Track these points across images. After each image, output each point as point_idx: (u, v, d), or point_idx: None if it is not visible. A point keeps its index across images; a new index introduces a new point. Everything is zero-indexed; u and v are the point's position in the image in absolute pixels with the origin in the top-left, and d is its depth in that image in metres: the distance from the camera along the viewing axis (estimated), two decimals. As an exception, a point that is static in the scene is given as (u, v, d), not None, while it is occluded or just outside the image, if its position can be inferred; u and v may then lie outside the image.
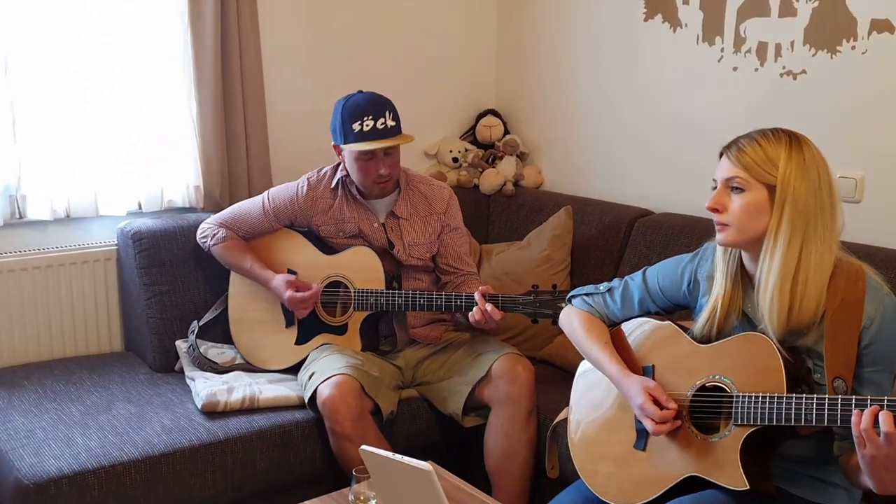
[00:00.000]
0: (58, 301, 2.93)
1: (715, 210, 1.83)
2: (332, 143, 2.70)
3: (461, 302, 2.57)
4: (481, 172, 3.64)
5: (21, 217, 2.85)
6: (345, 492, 2.04)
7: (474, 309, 2.51)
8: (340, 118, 2.63)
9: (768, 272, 1.78)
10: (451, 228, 2.81)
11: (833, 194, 1.80)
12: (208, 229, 2.79)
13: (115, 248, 2.99)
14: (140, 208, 3.04)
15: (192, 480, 2.31)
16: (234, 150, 3.14)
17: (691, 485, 1.85)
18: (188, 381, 2.66)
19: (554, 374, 2.79)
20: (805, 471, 1.87)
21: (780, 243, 1.76)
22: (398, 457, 1.73)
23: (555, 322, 2.43)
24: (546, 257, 3.10)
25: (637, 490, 1.93)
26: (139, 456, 2.25)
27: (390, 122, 2.60)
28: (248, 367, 2.74)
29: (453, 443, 2.73)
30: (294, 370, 2.70)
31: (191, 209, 3.12)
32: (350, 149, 2.61)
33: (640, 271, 2.12)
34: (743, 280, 1.89)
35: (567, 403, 2.21)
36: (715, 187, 1.84)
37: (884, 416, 1.56)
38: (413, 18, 3.62)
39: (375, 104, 2.61)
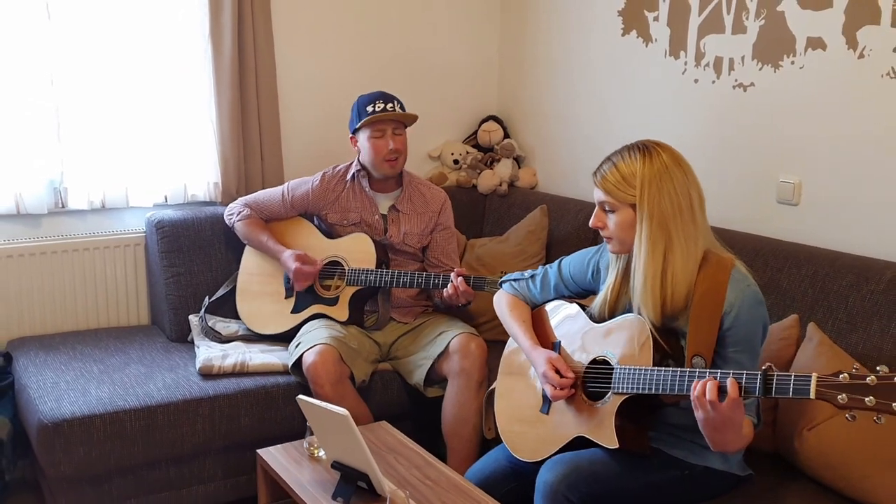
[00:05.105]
0: (93, 280, 3.26)
1: (597, 227, 2.09)
2: (349, 135, 3.06)
3: (438, 280, 2.87)
4: (479, 173, 3.87)
5: (63, 207, 3.19)
6: (302, 441, 2.37)
7: (448, 285, 2.81)
8: (356, 106, 3.03)
9: (641, 277, 2.00)
10: (443, 227, 3.12)
11: (692, 196, 1.97)
12: (235, 208, 3.14)
13: (144, 235, 3.31)
14: (166, 201, 3.37)
15: (184, 429, 2.63)
16: (250, 151, 3.43)
17: (586, 443, 2.08)
18: (195, 348, 2.99)
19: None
20: (686, 436, 2.08)
21: (644, 251, 1.98)
22: (322, 404, 2.05)
23: None
24: (520, 251, 3.33)
25: (540, 448, 2.19)
26: (139, 405, 2.58)
27: (398, 109, 2.98)
28: (249, 339, 3.06)
29: (421, 413, 2.95)
30: (287, 337, 2.98)
31: (211, 203, 3.44)
32: (365, 123, 2.94)
33: (558, 261, 2.36)
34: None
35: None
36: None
37: (710, 386, 1.80)
38: (421, 33, 3.85)
39: (386, 94, 3.02)
